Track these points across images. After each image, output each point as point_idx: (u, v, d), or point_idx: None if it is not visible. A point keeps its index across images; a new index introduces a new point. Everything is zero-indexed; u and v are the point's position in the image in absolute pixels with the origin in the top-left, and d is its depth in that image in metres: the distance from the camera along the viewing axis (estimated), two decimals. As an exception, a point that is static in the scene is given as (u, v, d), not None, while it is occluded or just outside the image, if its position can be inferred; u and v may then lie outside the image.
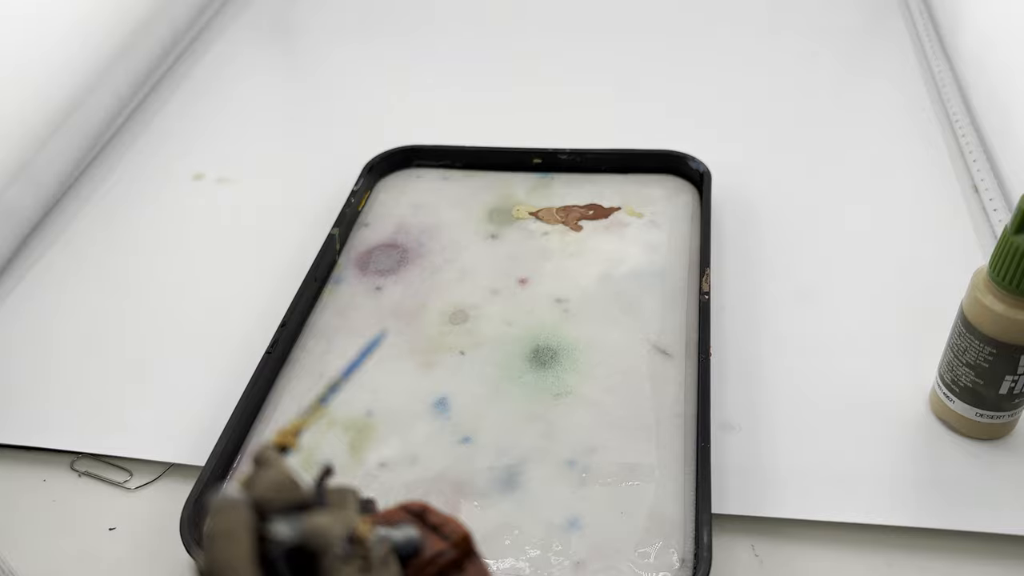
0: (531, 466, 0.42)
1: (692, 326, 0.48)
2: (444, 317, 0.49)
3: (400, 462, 0.42)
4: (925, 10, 0.76)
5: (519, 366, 0.47)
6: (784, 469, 0.42)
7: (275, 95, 0.73)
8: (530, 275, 0.52)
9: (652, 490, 0.40)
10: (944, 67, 0.68)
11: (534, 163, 0.59)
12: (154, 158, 0.65)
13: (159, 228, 0.59)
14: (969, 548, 0.39)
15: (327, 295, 0.51)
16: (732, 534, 0.40)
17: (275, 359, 0.47)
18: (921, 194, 0.58)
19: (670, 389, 0.45)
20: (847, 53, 0.74)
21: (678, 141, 0.59)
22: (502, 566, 0.38)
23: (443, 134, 0.62)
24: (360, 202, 0.57)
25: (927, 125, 0.64)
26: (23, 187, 0.58)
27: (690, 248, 0.53)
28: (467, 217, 0.56)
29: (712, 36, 0.76)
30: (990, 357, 0.39)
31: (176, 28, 0.76)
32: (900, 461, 0.42)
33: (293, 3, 0.84)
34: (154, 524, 0.41)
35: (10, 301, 0.54)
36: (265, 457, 0.23)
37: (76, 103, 0.63)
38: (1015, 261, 0.36)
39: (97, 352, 0.50)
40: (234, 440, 0.43)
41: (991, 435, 0.42)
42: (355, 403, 0.45)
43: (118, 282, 0.55)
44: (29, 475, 0.44)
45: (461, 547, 0.25)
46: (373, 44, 0.77)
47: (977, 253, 0.53)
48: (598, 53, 0.74)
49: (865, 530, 0.40)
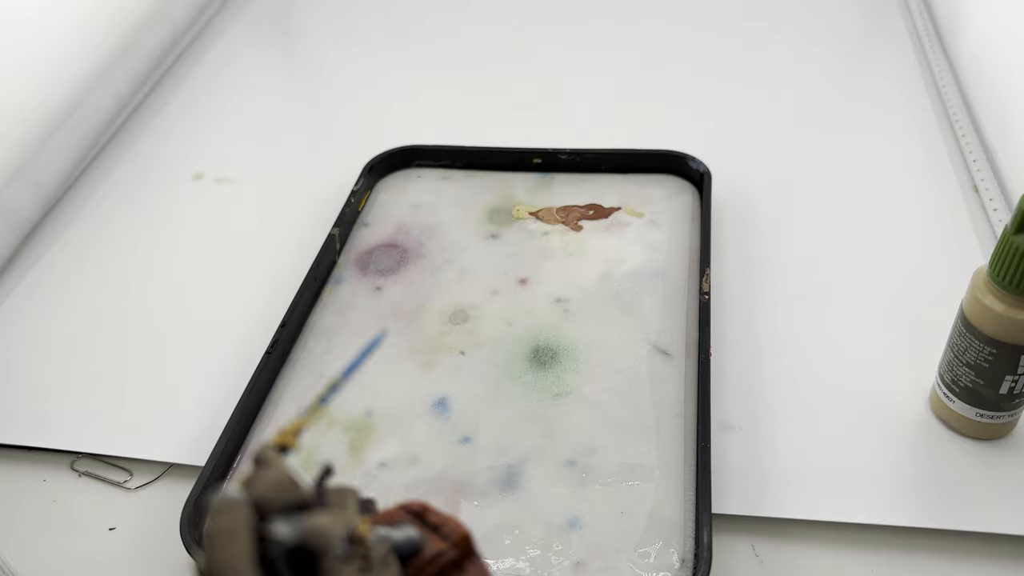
0: (531, 466, 0.42)
1: (692, 326, 0.48)
2: (444, 317, 0.49)
3: (400, 462, 0.42)
4: (925, 10, 0.76)
5: (519, 366, 0.47)
6: (784, 469, 0.42)
7: (275, 95, 0.73)
8: (530, 275, 0.52)
9: (652, 490, 0.40)
10: (944, 67, 0.68)
11: (534, 163, 0.59)
12: (154, 158, 0.66)
13: (159, 228, 0.59)
14: (969, 548, 0.39)
15: (327, 295, 0.51)
16: (732, 534, 0.40)
17: (275, 359, 0.47)
18: (921, 194, 0.58)
19: (670, 389, 0.45)
20: (847, 53, 0.74)
21: (678, 141, 0.59)
22: (502, 566, 0.38)
23: (443, 134, 0.62)
24: (360, 202, 0.57)
25: (927, 125, 0.64)
26: (23, 187, 0.58)
27: (690, 248, 0.53)
28: (467, 217, 0.56)
29: (712, 36, 0.76)
30: (990, 357, 0.39)
31: (176, 28, 0.76)
32: (900, 461, 0.42)
33: (293, 3, 0.84)
34: (154, 524, 0.41)
35: (10, 301, 0.54)
36: (265, 457, 0.23)
37: (76, 103, 0.63)
38: (1015, 261, 0.36)
39: (97, 352, 0.50)
40: (234, 440, 0.43)
41: (991, 435, 0.42)
42: (355, 403, 0.45)
43: (118, 282, 0.55)
44: (29, 475, 0.45)
45: (461, 547, 0.25)
46: (373, 44, 0.77)
47: (977, 253, 0.53)
48: (598, 53, 0.75)
49: (865, 530, 0.40)
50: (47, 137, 0.60)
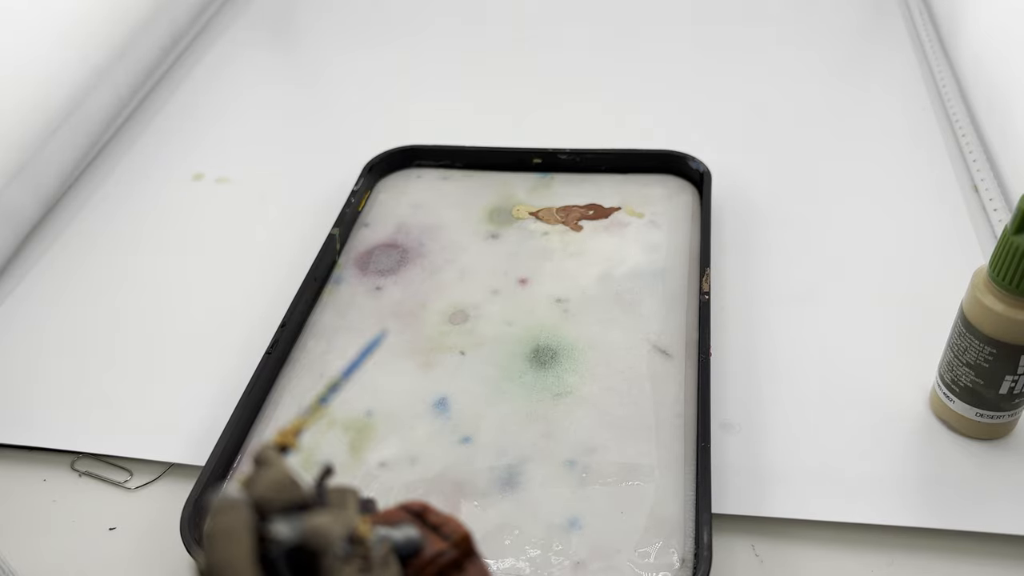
0: (531, 466, 0.42)
1: (692, 326, 0.48)
2: (444, 317, 0.49)
3: (400, 462, 0.42)
4: (925, 10, 0.76)
5: (519, 366, 0.47)
6: (784, 469, 0.42)
7: (275, 95, 0.73)
8: (530, 275, 0.52)
9: (652, 490, 0.40)
10: (944, 67, 0.68)
11: (534, 163, 0.59)
12: (154, 158, 0.66)
13: (159, 228, 0.59)
14: (969, 548, 0.39)
15: (327, 295, 0.51)
16: (732, 534, 0.40)
17: (275, 359, 0.47)
18: (921, 194, 0.58)
19: (670, 389, 0.45)
20: (847, 53, 0.74)
21: (678, 141, 0.59)
22: (502, 566, 0.38)
23: (443, 134, 0.62)
24: (360, 202, 0.57)
25: (927, 125, 0.64)
26: (23, 187, 0.58)
27: (690, 248, 0.53)
28: (467, 217, 0.56)
29: (712, 36, 0.76)
30: (990, 357, 0.39)
31: (176, 28, 0.76)
32: (900, 461, 0.42)
33: (293, 3, 0.84)
34: (154, 524, 0.41)
35: (10, 301, 0.54)
36: (265, 457, 0.23)
37: (76, 103, 0.63)
38: (1015, 261, 0.36)
39: (97, 352, 0.50)
40: (234, 440, 0.43)
41: (991, 435, 0.42)
42: (355, 403, 0.45)
43: (118, 282, 0.55)
44: (29, 475, 0.45)
45: (461, 547, 0.25)
46: (373, 44, 0.77)
47: (977, 253, 0.53)
48: (598, 53, 0.75)
49: (865, 530, 0.40)
50: (47, 137, 0.60)
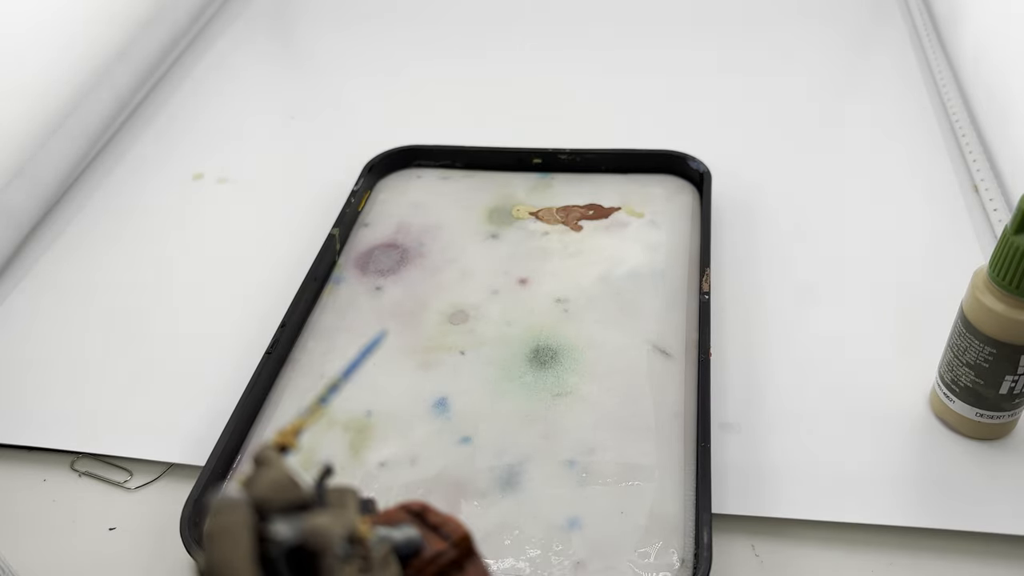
0: (531, 466, 0.42)
1: (692, 326, 0.48)
2: (444, 317, 0.49)
3: (400, 462, 0.42)
4: (925, 10, 0.76)
5: (519, 366, 0.47)
6: (784, 469, 0.42)
7: (275, 95, 0.73)
8: (530, 275, 0.52)
9: (652, 490, 0.40)
10: (944, 67, 0.68)
11: (534, 163, 0.59)
12: (154, 158, 0.66)
13: (159, 228, 0.59)
14: (969, 548, 0.39)
15: (327, 295, 0.51)
16: (732, 534, 0.40)
17: (275, 359, 0.47)
18: (921, 194, 0.58)
19: (670, 389, 0.45)
20: (847, 53, 0.74)
21: (678, 141, 0.59)
22: (502, 566, 0.38)
23: (443, 134, 0.62)
24: (360, 202, 0.57)
25: (927, 125, 0.64)
26: (23, 187, 0.58)
27: (690, 248, 0.53)
28: (467, 217, 0.56)
29: (712, 36, 0.76)
30: (990, 357, 0.39)
31: (176, 28, 0.76)
32: (900, 461, 0.42)
33: (293, 4, 0.84)
34: (154, 524, 0.41)
35: (10, 301, 0.54)
36: (265, 457, 0.23)
37: (76, 103, 0.63)
38: (1015, 261, 0.36)
39: (97, 352, 0.50)
40: (234, 440, 0.43)
41: (991, 435, 0.42)
42: (355, 403, 0.45)
43: (118, 282, 0.55)
44: (29, 475, 0.45)
45: (461, 547, 0.25)
46: (373, 44, 0.77)
47: (977, 253, 0.53)
48: (598, 53, 0.75)
49: (865, 530, 0.40)
50: (47, 137, 0.60)
